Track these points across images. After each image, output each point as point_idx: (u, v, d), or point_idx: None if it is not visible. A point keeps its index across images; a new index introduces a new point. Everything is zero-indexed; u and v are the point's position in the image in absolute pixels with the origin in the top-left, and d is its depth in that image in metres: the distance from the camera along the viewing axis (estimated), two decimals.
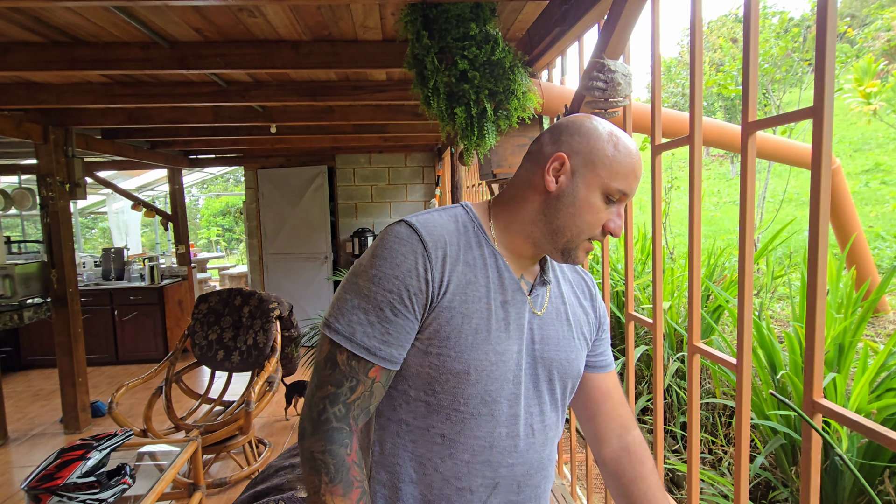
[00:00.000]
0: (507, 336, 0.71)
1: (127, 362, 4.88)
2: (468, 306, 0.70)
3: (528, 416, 0.74)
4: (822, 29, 0.73)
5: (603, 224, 0.71)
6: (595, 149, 0.70)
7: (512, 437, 0.72)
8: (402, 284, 0.67)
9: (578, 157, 0.70)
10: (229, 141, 4.53)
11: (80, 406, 3.44)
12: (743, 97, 0.89)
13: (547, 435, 0.76)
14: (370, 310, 0.68)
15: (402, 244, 0.69)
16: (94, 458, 1.90)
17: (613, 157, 0.69)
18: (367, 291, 0.68)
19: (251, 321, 3.08)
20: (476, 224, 0.75)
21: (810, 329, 0.78)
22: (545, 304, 0.77)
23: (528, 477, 0.75)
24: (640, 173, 0.72)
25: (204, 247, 14.46)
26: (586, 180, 0.70)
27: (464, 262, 0.71)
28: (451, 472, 0.71)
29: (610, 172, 0.69)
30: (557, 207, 0.71)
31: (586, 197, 0.70)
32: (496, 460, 0.72)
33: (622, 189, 0.70)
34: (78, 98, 2.84)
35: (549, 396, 0.76)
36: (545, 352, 0.75)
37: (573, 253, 0.72)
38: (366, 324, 0.68)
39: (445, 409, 0.70)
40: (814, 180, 0.75)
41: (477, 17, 1.57)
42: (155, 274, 4.87)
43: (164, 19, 1.96)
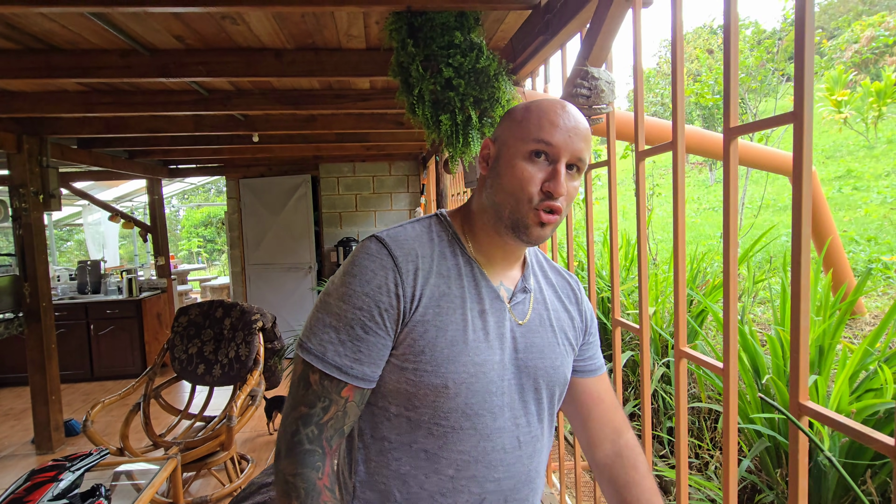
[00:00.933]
0: (486, 346, 0.70)
1: (103, 378, 4.73)
2: (442, 318, 0.69)
3: (515, 428, 0.72)
4: (800, 35, 0.74)
5: (540, 185, 0.67)
6: (511, 119, 0.72)
7: (497, 450, 0.70)
8: (372, 301, 0.67)
9: (500, 135, 0.72)
10: (210, 150, 4.47)
11: (53, 425, 3.31)
12: (724, 103, 0.91)
13: (535, 446, 0.74)
14: (341, 328, 0.67)
15: (371, 260, 0.68)
16: (67, 479, 1.82)
17: (524, 117, 0.69)
18: (338, 310, 0.68)
19: (233, 333, 3.02)
20: (451, 233, 0.75)
21: (795, 333, 0.78)
22: (528, 311, 0.76)
23: (516, 491, 0.73)
24: (562, 121, 0.67)
25: (185, 258, 14.18)
26: (507, 149, 0.70)
27: (437, 273, 0.70)
28: (436, 488, 0.70)
29: (525, 131, 0.68)
30: (491, 185, 0.71)
31: (510, 163, 0.69)
32: (482, 475, 0.70)
33: (541, 138, 0.66)
34: (53, 106, 2.77)
35: (535, 406, 0.74)
36: (529, 360, 0.73)
37: (523, 226, 0.68)
38: (337, 343, 0.67)
39: (427, 423, 0.69)
40: (795, 185, 0.76)
41: (461, 26, 1.58)
42: (133, 286, 4.75)
43: (143, 27, 1.93)
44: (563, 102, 0.70)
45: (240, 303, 3.12)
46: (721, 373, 0.96)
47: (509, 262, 0.76)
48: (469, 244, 0.75)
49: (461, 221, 0.77)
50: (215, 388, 3.14)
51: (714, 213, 7.38)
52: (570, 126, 0.68)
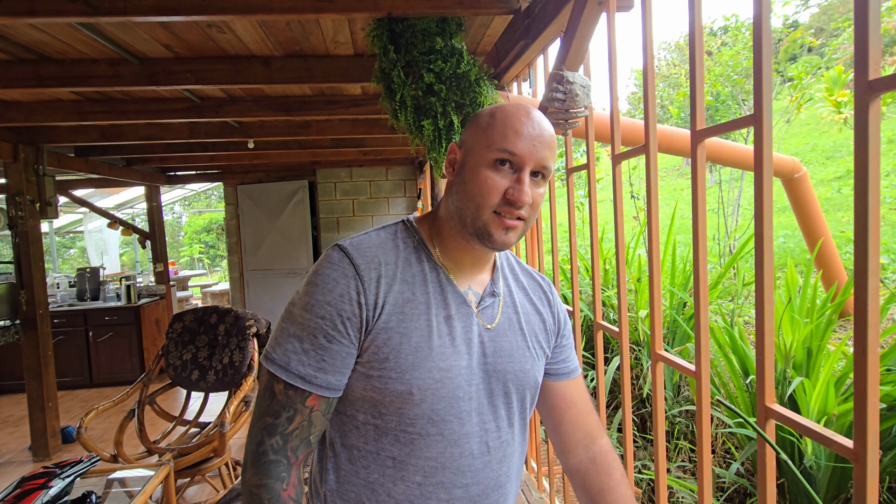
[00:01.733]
0: (452, 351, 0.70)
1: (102, 385, 4.74)
2: (406, 325, 0.69)
3: (483, 434, 0.71)
4: (758, 43, 0.75)
5: (503, 192, 0.67)
6: (476, 125, 0.72)
7: (465, 455, 0.70)
8: (334, 310, 0.67)
9: (466, 140, 0.72)
10: (207, 157, 4.50)
11: (50, 432, 3.32)
12: (691, 106, 0.91)
13: (505, 451, 0.74)
14: (304, 338, 0.67)
15: (333, 269, 0.69)
16: (57, 486, 1.83)
17: (489, 123, 0.69)
18: (302, 320, 0.68)
19: (227, 339, 3.03)
20: (417, 238, 0.75)
21: (760, 334, 0.78)
22: (497, 316, 0.75)
23: (485, 497, 0.72)
24: (526, 129, 0.68)
25: (187, 264, 14.24)
26: (472, 156, 0.70)
27: (401, 280, 0.70)
28: (403, 495, 0.69)
29: (489, 138, 0.68)
30: (457, 192, 0.71)
31: (475, 171, 0.69)
32: (450, 481, 0.70)
33: (503, 147, 0.67)
34: (48, 115, 2.80)
35: (505, 411, 0.74)
36: (498, 364, 0.73)
37: (487, 231, 0.68)
38: (300, 352, 0.67)
39: (393, 430, 0.69)
40: (756, 183, 0.76)
41: (443, 32, 1.58)
42: (132, 293, 4.77)
43: (132, 36, 1.95)
44: (527, 109, 0.70)
45: (234, 309, 3.13)
46: (693, 375, 0.96)
47: (478, 266, 0.76)
48: (436, 249, 0.75)
49: (428, 227, 0.77)
50: (211, 394, 3.15)
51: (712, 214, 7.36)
52: (534, 134, 0.68)
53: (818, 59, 9.30)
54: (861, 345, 0.62)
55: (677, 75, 10.42)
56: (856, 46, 0.59)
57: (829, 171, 7.60)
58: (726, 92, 6.14)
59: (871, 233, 0.60)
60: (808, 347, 1.69)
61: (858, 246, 0.60)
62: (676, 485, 1.85)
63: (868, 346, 0.62)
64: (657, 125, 1.22)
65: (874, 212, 0.59)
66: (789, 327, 1.67)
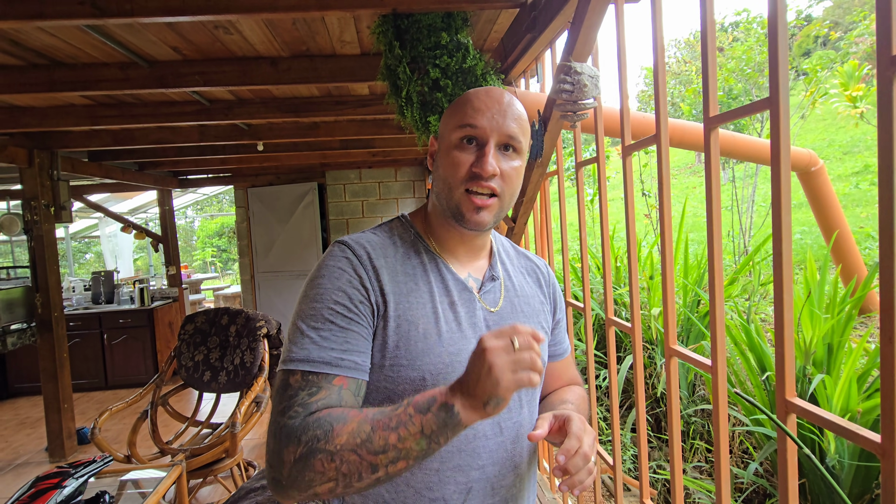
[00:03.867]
0: (460, 336, 0.70)
1: (117, 387, 4.80)
2: (413, 313, 0.69)
3: (496, 415, 0.71)
4: (773, 25, 0.72)
5: (469, 167, 0.69)
6: (445, 114, 0.74)
7: (479, 437, 0.71)
8: (345, 295, 0.67)
9: (439, 131, 0.75)
10: (217, 160, 4.54)
11: (66, 433, 3.36)
12: (703, 94, 0.88)
13: (517, 432, 0.75)
14: (322, 327, 0.66)
15: (337, 260, 0.70)
16: (71, 486, 1.84)
17: (453, 107, 0.73)
18: (314, 311, 0.67)
19: (238, 340, 3.04)
20: (413, 233, 0.76)
21: (779, 326, 0.75)
22: (500, 299, 0.77)
23: (501, 478, 0.73)
24: (484, 104, 0.69)
25: (199, 268, 14.40)
26: (443, 143, 0.73)
27: (402, 272, 0.71)
28: (422, 483, 0.69)
29: (453, 120, 0.71)
30: (434, 179, 0.74)
31: (445, 154, 0.71)
32: (466, 464, 0.70)
33: (465, 123, 0.68)
34: (61, 120, 2.84)
35: (514, 393, 0.73)
36: None
37: (459, 213, 0.70)
38: (320, 340, 0.65)
39: None
40: (774, 172, 0.73)
41: (448, 27, 1.57)
42: (145, 296, 4.83)
43: (140, 39, 1.97)
44: (490, 88, 0.73)
45: (245, 310, 3.14)
46: (709, 370, 0.93)
47: (473, 253, 0.78)
48: (431, 241, 0.76)
49: (422, 221, 0.79)
50: (222, 395, 3.16)
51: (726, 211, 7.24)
52: (493, 107, 0.69)
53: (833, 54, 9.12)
54: (888, 334, 0.59)
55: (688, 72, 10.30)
56: (878, 19, 0.56)
57: (846, 167, 7.45)
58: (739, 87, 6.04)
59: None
60: (828, 344, 1.64)
61: (884, 229, 0.57)
62: (693, 485, 1.80)
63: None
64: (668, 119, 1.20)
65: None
66: (809, 323, 1.62)
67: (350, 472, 0.57)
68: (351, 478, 0.57)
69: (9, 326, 3.46)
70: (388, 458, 0.56)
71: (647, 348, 2.73)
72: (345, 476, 0.57)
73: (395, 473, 0.58)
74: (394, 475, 0.58)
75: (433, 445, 0.57)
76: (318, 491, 0.58)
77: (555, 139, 1.48)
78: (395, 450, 0.56)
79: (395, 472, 0.57)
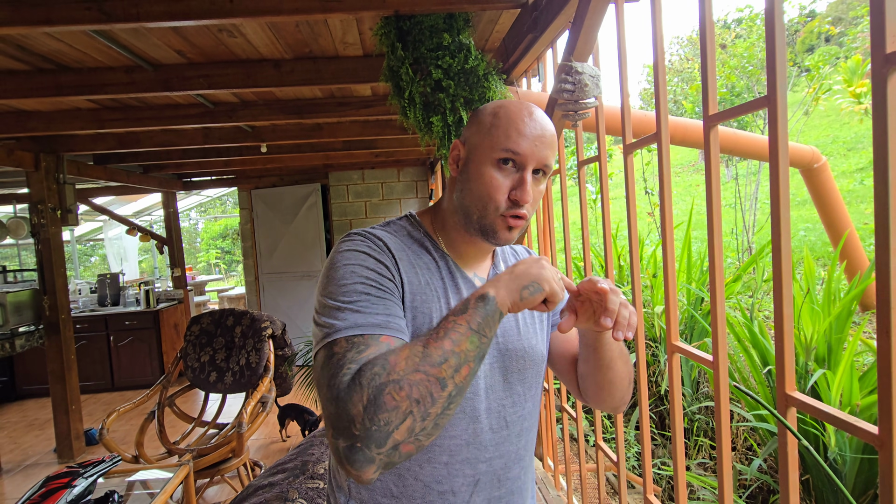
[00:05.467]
0: None
1: (123, 388, 4.84)
2: (428, 306, 0.71)
3: (501, 409, 0.74)
4: (770, 22, 0.73)
5: (507, 193, 0.69)
6: (479, 124, 0.73)
7: (485, 431, 0.72)
8: (375, 272, 0.66)
9: (469, 138, 0.74)
10: (221, 162, 4.57)
11: (74, 434, 3.39)
12: (703, 92, 0.89)
13: (522, 425, 0.76)
14: (359, 300, 0.63)
15: (357, 245, 0.69)
16: (81, 485, 1.86)
17: (493, 123, 0.71)
18: (345, 289, 0.64)
19: (243, 341, 3.06)
20: (422, 231, 0.78)
21: (778, 321, 0.76)
22: None
23: (507, 470, 0.75)
24: (529, 130, 0.69)
25: (203, 270, 14.46)
26: (476, 155, 0.72)
27: (417, 265, 0.72)
28: (431, 477, 0.71)
29: (493, 139, 0.70)
30: (461, 189, 0.73)
31: (479, 170, 0.71)
32: (474, 457, 0.72)
33: (507, 147, 0.68)
34: (67, 124, 2.87)
35: (520, 387, 0.76)
36: (508, 343, 0.76)
37: (492, 231, 0.71)
38: (362, 309, 0.62)
39: None
40: (772, 166, 0.74)
41: (450, 28, 1.58)
42: (150, 298, 4.86)
43: (145, 42, 1.99)
44: (530, 108, 0.72)
45: (250, 311, 3.16)
46: (711, 366, 0.94)
47: (480, 254, 0.79)
48: (440, 240, 0.77)
49: (431, 220, 0.80)
50: (228, 396, 3.18)
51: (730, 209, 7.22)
52: (536, 135, 0.70)
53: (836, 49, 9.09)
54: (885, 328, 0.60)
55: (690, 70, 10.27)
56: (872, 17, 0.57)
57: (850, 163, 7.41)
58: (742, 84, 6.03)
59: (892, 211, 0.58)
60: (828, 341, 1.64)
61: (879, 224, 0.58)
62: (697, 481, 1.81)
63: (892, 328, 0.60)
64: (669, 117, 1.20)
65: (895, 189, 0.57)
66: (809, 319, 1.62)
67: (422, 396, 0.54)
68: (424, 403, 0.54)
69: (17, 329, 3.50)
70: (451, 366, 0.56)
71: (650, 346, 2.74)
72: (418, 402, 0.54)
73: (463, 385, 0.57)
74: (462, 388, 0.57)
75: (484, 340, 0.58)
76: (399, 437, 0.54)
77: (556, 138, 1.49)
78: (454, 355, 0.56)
79: (461, 382, 0.56)
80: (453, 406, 0.57)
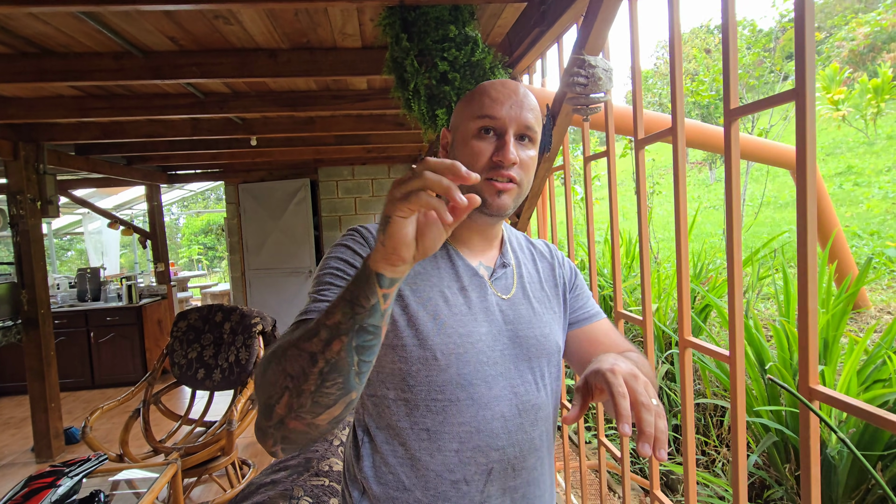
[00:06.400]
0: (470, 318, 0.72)
1: (104, 386, 4.70)
2: (420, 295, 0.72)
3: (513, 397, 0.73)
4: (800, 12, 0.73)
5: (489, 157, 0.70)
6: (460, 104, 0.76)
7: (497, 418, 0.71)
8: (346, 263, 0.71)
9: (454, 121, 0.76)
10: (209, 155, 4.47)
11: (53, 433, 3.28)
12: (724, 85, 0.89)
13: (537, 415, 0.75)
14: (321, 289, 0.68)
15: (344, 239, 0.74)
16: (65, 485, 1.80)
17: (469, 98, 0.74)
18: (316, 280, 0.70)
19: (233, 337, 3.00)
20: None
21: (803, 314, 0.76)
22: (512, 286, 0.78)
23: (523, 459, 0.73)
24: (502, 95, 0.71)
25: (185, 265, 14.18)
26: (459, 134, 0.74)
27: None
28: (442, 465, 0.70)
29: (470, 111, 0.72)
30: None
31: (463, 143, 0.73)
32: (486, 444, 0.71)
33: (483, 114, 0.70)
34: (49, 112, 2.77)
35: (532, 375, 0.75)
36: (520, 331, 0.75)
37: (482, 197, 0.68)
38: (319, 297, 0.66)
39: (424, 401, 0.70)
40: (799, 164, 0.74)
41: (456, 20, 1.56)
42: (133, 293, 4.74)
43: (136, 28, 1.92)
44: (504, 80, 0.74)
45: (239, 307, 3.10)
46: (728, 361, 0.93)
47: (486, 242, 0.79)
48: None
49: None
50: (216, 393, 3.11)
51: (715, 211, 7.35)
52: (511, 98, 0.71)
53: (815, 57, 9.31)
54: None
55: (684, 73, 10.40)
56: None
57: (829, 168, 7.60)
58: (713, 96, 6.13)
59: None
60: (824, 338, 1.67)
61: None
62: (701, 478, 1.83)
63: None
64: None
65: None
66: None
67: (296, 373, 0.52)
68: (299, 379, 0.52)
69: None
70: (321, 340, 0.52)
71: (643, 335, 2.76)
72: (292, 378, 0.52)
73: (336, 361, 0.51)
74: (337, 364, 0.51)
75: (358, 310, 0.51)
76: (280, 411, 0.54)
77: (563, 134, 1.48)
78: (325, 328, 0.52)
79: (333, 357, 0.51)
80: (330, 384, 0.52)
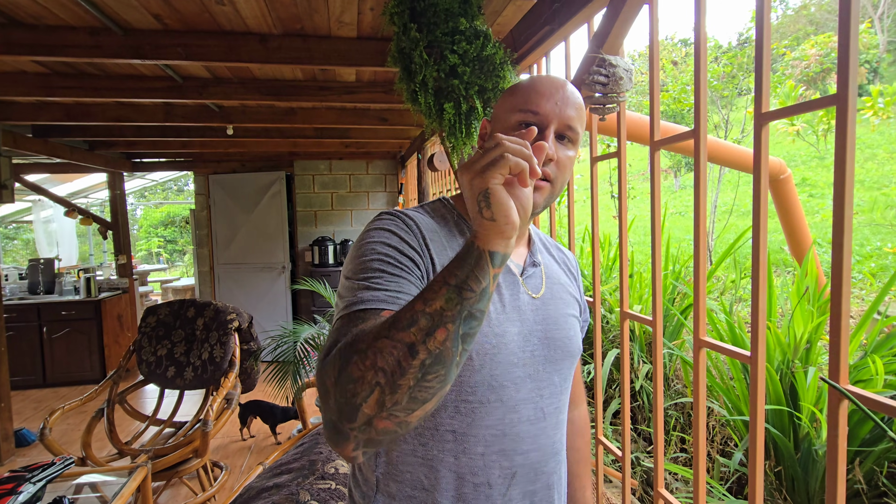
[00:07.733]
0: (505, 318, 0.70)
1: (57, 384, 4.41)
2: None
3: (538, 399, 0.71)
4: (845, 17, 0.74)
5: None
6: (503, 96, 0.72)
7: (523, 421, 0.70)
8: (396, 250, 0.65)
9: (494, 112, 0.74)
10: (179, 143, 4.26)
11: (3, 435, 3.05)
12: (756, 89, 0.90)
13: (558, 418, 0.75)
14: (372, 276, 0.61)
15: (386, 224, 0.68)
16: (27, 491, 1.67)
17: (514, 90, 0.70)
18: (362, 265, 0.63)
19: (206, 334, 2.86)
20: (456, 214, 0.76)
21: (835, 318, 0.78)
22: (542, 286, 0.77)
23: (543, 463, 0.72)
24: (548, 90, 0.67)
25: (144, 258, 13.52)
26: (498, 123, 0.71)
27: (450, 248, 0.70)
28: (466, 468, 0.68)
29: (513, 103, 0.69)
30: None
31: None
32: (511, 448, 0.69)
33: (525, 108, 0.67)
34: (7, 89, 2.56)
35: (557, 377, 0.74)
36: (549, 332, 0.74)
37: None
38: (371, 285, 0.60)
39: (453, 402, 0.67)
40: (837, 166, 0.75)
41: (465, 13, 1.53)
42: (92, 286, 4.46)
43: (119, 2, 1.80)
44: (551, 76, 0.72)
45: (213, 302, 2.97)
46: (748, 361, 0.95)
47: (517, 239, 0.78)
48: None
49: (464, 204, 0.77)
50: (186, 392, 2.97)
51: (681, 217, 7.63)
52: (557, 94, 0.68)
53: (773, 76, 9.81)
54: None
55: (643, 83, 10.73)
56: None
57: None
58: None
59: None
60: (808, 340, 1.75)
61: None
62: (679, 470, 1.87)
63: None
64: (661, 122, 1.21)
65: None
66: (801, 320, 1.72)
67: (390, 366, 0.47)
68: (394, 374, 0.47)
69: None
70: (421, 329, 0.47)
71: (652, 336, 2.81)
72: (385, 372, 0.47)
73: (440, 352, 0.47)
74: (441, 356, 0.47)
75: (466, 294, 0.47)
76: (368, 411, 0.48)
77: None
78: (425, 316, 0.47)
79: (437, 347, 0.47)
80: (431, 377, 0.48)
